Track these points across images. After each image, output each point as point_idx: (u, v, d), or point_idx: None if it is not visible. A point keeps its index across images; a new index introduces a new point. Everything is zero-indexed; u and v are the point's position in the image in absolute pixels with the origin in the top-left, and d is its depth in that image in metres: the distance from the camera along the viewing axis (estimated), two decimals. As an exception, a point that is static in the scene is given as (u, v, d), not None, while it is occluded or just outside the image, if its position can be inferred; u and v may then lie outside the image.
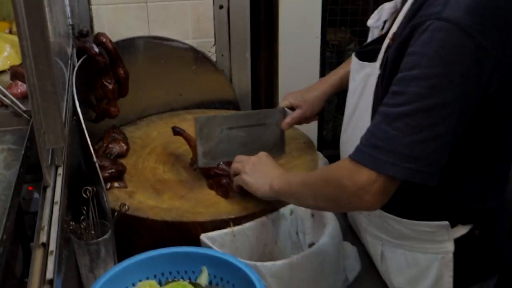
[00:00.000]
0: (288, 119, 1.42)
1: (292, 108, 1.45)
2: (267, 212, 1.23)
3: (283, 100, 1.47)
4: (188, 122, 1.65)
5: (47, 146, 0.81)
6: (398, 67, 0.95)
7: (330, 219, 1.20)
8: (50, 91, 0.79)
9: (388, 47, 1.05)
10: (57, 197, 0.81)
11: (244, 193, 1.24)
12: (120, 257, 1.20)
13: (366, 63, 1.13)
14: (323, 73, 1.83)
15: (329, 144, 2.40)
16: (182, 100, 1.73)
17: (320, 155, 1.51)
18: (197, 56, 1.70)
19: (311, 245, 1.27)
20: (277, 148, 1.44)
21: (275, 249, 1.26)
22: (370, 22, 1.21)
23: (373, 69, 1.09)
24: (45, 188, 0.83)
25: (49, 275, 0.64)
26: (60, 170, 0.88)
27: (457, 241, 1.10)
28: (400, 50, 0.97)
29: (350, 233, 1.38)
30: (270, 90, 1.86)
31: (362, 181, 0.94)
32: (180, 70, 1.69)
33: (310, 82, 1.81)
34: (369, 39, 1.22)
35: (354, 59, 1.18)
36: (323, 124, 2.00)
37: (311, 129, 1.85)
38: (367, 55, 1.14)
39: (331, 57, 2.27)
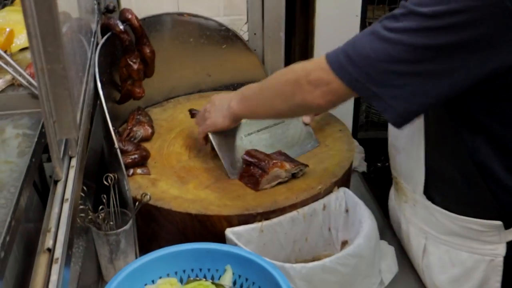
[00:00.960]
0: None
1: None
2: (298, 207, 1.14)
3: None
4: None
5: (58, 137, 0.74)
6: None
7: (366, 216, 1.11)
8: (61, 75, 0.71)
9: None
10: (68, 193, 0.73)
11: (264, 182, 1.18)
12: (142, 248, 1.14)
13: None
14: (361, 54, 1.72)
15: (361, 126, 2.31)
16: (211, 81, 1.66)
17: (356, 143, 1.42)
18: (228, 35, 1.61)
19: (344, 242, 1.19)
20: (308, 140, 1.34)
21: (305, 246, 1.17)
22: None
23: None
24: (55, 182, 0.76)
25: (52, 288, 0.57)
26: (73, 162, 0.81)
27: (510, 245, 1.00)
28: None
29: (387, 231, 1.28)
30: (305, 72, 1.76)
31: (317, 77, 0.95)
32: (210, 50, 1.61)
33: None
34: None
35: None
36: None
37: (345, 113, 1.76)
38: None
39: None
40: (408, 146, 1.08)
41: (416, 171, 1.06)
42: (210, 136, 1.24)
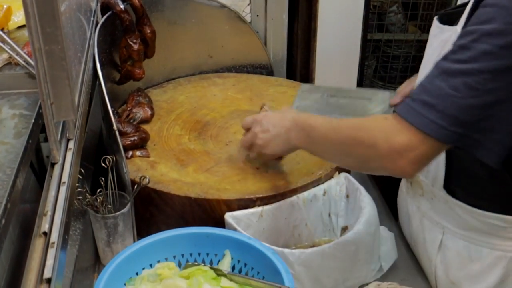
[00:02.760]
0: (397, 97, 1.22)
1: None
2: (298, 192, 1.13)
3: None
4: (218, 87, 1.55)
5: (56, 119, 0.73)
6: None
7: (367, 202, 1.10)
8: (59, 56, 0.70)
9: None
10: (65, 177, 0.72)
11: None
12: (140, 232, 1.14)
13: (446, 26, 0.97)
14: (365, 38, 1.71)
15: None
16: (212, 63, 1.64)
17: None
18: (230, 16, 1.59)
19: (344, 228, 1.18)
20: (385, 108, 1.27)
21: (305, 231, 1.16)
22: None
23: (452, 34, 0.93)
24: (52, 165, 0.74)
25: (47, 273, 0.56)
26: (71, 144, 0.80)
27: None
28: (477, 3, 0.83)
29: (387, 217, 1.28)
30: (307, 55, 1.74)
31: (401, 144, 0.84)
32: (212, 31, 1.59)
33: (350, 47, 1.70)
34: (460, 1, 1.05)
35: (435, 22, 1.02)
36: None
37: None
38: (450, 18, 0.99)
39: (371, 19, 2.13)
40: None
41: (435, 165, 1.02)
42: (299, 89, 1.25)
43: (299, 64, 1.78)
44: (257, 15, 1.65)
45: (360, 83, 1.82)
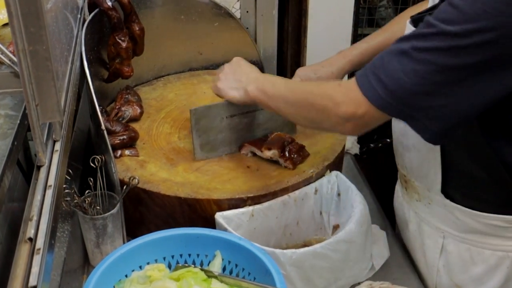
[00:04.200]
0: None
1: None
2: (290, 191, 1.12)
3: (294, 78, 1.30)
4: (208, 84, 1.53)
5: (41, 121, 0.71)
6: None
7: (358, 201, 1.09)
8: (44, 57, 0.68)
9: None
10: (52, 180, 0.70)
11: None
12: (129, 232, 1.12)
13: None
14: (355, 33, 1.69)
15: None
16: (202, 60, 1.62)
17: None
18: (219, 12, 1.57)
19: (335, 226, 1.18)
20: (287, 128, 1.28)
21: (296, 230, 1.16)
22: None
23: None
24: (38, 167, 0.73)
25: (33, 281, 0.55)
26: (57, 146, 0.78)
27: None
28: None
29: (379, 215, 1.27)
30: (297, 51, 1.73)
31: (349, 112, 0.91)
32: (201, 27, 1.57)
33: (341, 43, 1.68)
34: (430, 3, 1.06)
35: (408, 26, 1.02)
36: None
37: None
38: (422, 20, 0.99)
39: (361, 13, 2.12)
40: (420, 144, 1.03)
41: (431, 169, 1.02)
42: (191, 112, 1.18)
43: (290, 60, 1.77)
44: (247, 11, 1.63)
45: (350, 77, 1.81)
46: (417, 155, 1.06)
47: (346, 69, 1.26)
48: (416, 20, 1.01)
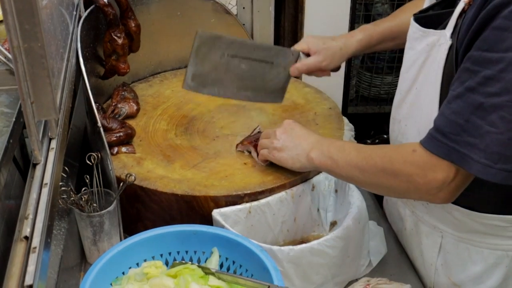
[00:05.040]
0: (299, 64, 1.24)
1: (308, 55, 1.25)
2: (287, 187, 1.12)
3: (300, 42, 1.28)
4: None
5: (37, 119, 0.70)
6: None
7: (356, 198, 1.09)
8: (39, 54, 0.68)
9: (463, 12, 0.89)
10: (48, 178, 0.70)
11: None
12: (126, 230, 1.12)
13: (431, 30, 0.96)
14: (352, 29, 1.71)
15: (351, 101, 2.28)
16: (198, 56, 1.61)
17: (345, 120, 1.39)
18: (216, 9, 1.57)
19: (333, 223, 1.18)
20: (276, 93, 1.28)
21: (294, 227, 1.15)
22: None
23: (440, 38, 0.93)
24: (34, 165, 0.72)
25: (29, 280, 0.54)
26: (53, 144, 0.77)
27: None
28: (485, 20, 0.81)
29: (376, 211, 1.27)
30: (294, 47, 1.72)
31: (439, 180, 0.87)
32: (198, 24, 1.56)
33: (338, 40, 1.68)
34: (428, 2, 1.05)
35: (413, 25, 1.01)
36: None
37: (335, 87, 1.73)
38: (430, 20, 0.98)
39: (358, 9, 2.12)
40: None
41: None
42: (198, 33, 1.15)
43: (286, 57, 1.76)
44: (243, 8, 1.63)
45: (347, 74, 1.82)
46: None
47: (354, 48, 1.25)
48: (420, 19, 1.01)
